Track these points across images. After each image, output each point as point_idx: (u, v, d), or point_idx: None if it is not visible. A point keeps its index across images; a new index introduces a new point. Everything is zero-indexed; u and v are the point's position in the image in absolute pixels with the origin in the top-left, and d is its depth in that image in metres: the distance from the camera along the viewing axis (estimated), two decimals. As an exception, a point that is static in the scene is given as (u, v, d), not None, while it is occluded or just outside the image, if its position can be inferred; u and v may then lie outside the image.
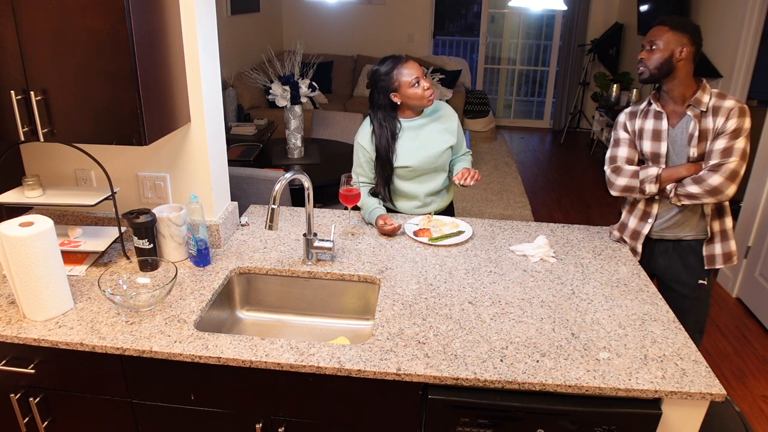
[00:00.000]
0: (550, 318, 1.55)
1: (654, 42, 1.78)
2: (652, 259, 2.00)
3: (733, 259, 1.92)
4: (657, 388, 1.30)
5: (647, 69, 1.80)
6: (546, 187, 5.39)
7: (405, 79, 2.00)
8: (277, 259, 1.83)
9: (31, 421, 1.53)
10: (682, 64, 1.77)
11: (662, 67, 1.78)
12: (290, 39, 6.87)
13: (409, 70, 2.00)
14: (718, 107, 1.76)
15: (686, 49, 1.75)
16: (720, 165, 1.74)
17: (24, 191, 1.68)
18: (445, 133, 2.15)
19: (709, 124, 1.77)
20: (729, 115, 1.73)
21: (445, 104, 2.23)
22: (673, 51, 1.76)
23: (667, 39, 1.76)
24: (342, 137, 4.02)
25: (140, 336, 1.42)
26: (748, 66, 3.87)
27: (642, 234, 1.97)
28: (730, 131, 1.73)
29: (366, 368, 1.33)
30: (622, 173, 1.91)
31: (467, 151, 2.32)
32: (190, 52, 1.67)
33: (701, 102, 1.78)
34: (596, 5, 6.71)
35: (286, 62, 3.42)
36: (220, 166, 1.92)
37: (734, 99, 1.76)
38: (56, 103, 1.45)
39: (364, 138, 2.12)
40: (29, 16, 1.36)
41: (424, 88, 2.01)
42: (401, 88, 2.01)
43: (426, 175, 2.16)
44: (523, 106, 8.08)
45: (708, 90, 1.80)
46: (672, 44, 1.75)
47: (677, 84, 1.80)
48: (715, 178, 1.75)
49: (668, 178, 1.83)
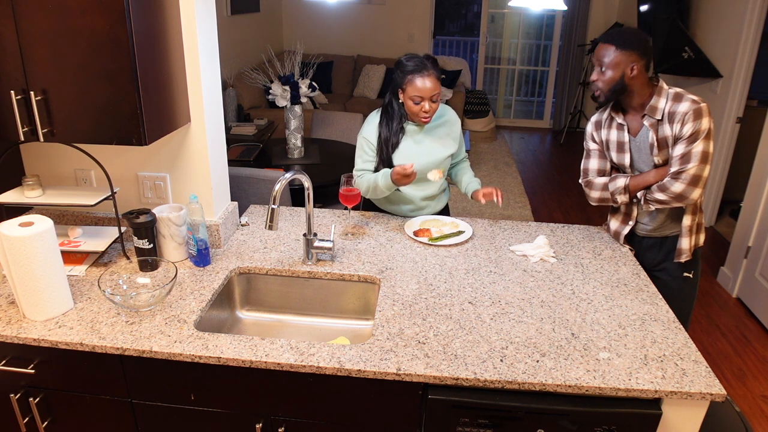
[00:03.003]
0: (550, 318, 1.55)
1: (603, 63, 1.75)
2: (641, 253, 2.01)
3: (682, 256, 1.91)
4: (657, 388, 1.30)
5: (601, 91, 1.79)
6: (546, 187, 5.39)
7: (411, 91, 1.95)
8: (277, 259, 1.83)
9: (31, 421, 1.53)
10: (635, 81, 1.75)
11: (615, 88, 1.76)
12: (290, 39, 6.87)
13: (420, 87, 1.93)
14: (673, 112, 1.74)
15: (637, 66, 1.72)
16: (680, 172, 1.74)
17: (24, 191, 1.68)
18: (448, 139, 2.14)
19: (666, 131, 1.76)
20: (684, 120, 1.71)
21: (449, 108, 2.21)
22: (624, 71, 1.73)
23: (615, 60, 1.73)
24: (342, 137, 4.02)
25: (140, 336, 1.42)
26: (748, 66, 3.87)
27: (622, 234, 2.00)
28: (686, 136, 1.72)
29: (366, 368, 1.33)
30: (593, 187, 1.95)
31: (465, 156, 2.32)
32: (190, 52, 1.67)
33: (656, 109, 1.76)
34: (596, 5, 6.71)
35: (286, 62, 3.42)
36: (220, 166, 1.92)
37: (691, 99, 1.73)
38: (56, 103, 1.45)
39: (369, 132, 2.10)
40: (29, 16, 1.36)
41: (423, 109, 1.97)
42: (406, 92, 1.98)
43: (424, 180, 2.14)
44: (523, 106, 8.09)
45: (665, 92, 1.77)
46: (622, 64, 1.72)
47: (633, 96, 1.79)
48: (677, 185, 1.75)
49: (636, 187, 1.85)
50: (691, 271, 1.95)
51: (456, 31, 10.36)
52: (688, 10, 4.72)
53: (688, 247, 1.89)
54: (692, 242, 1.90)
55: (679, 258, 1.91)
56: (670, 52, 4.49)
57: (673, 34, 4.53)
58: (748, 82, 3.92)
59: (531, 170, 5.84)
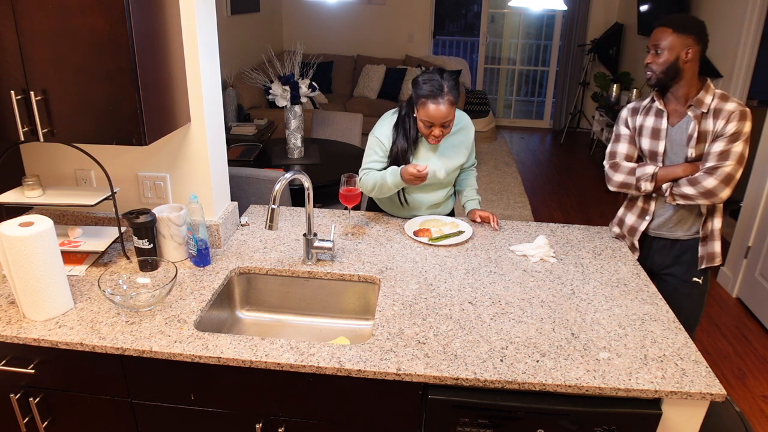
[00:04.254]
0: (550, 318, 1.55)
1: (659, 46, 1.76)
2: (650, 255, 2.00)
3: (716, 260, 1.92)
4: (657, 388, 1.30)
5: (654, 74, 1.79)
6: (546, 187, 5.39)
7: (423, 115, 1.91)
8: (277, 259, 1.83)
9: (31, 421, 1.53)
10: (688, 66, 1.75)
11: (669, 71, 1.77)
12: (290, 39, 6.88)
13: (433, 113, 1.88)
14: (720, 109, 1.75)
15: (692, 50, 1.73)
16: (716, 168, 1.74)
17: (24, 191, 1.68)
18: (461, 148, 2.12)
19: (709, 126, 1.76)
20: (729, 118, 1.72)
21: (465, 115, 2.16)
22: (679, 54, 1.74)
23: (671, 42, 1.74)
24: (342, 137, 4.02)
25: (140, 336, 1.42)
26: (748, 66, 3.87)
27: (638, 230, 1.98)
28: (728, 134, 1.73)
29: (366, 368, 1.33)
30: (619, 170, 1.92)
31: (474, 161, 2.29)
32: (190, 52, 1.67)
33: (703, 103, 1.77)
34: (596, 5, 6.71)
35: (286, 62, 3.42)
36: (220, 166, 1.92)
37: (737, 102, 1.75)
38: (56, 103, 1.45)
39: (382, 133, 2.06)
40: (29, 16, 1.36)
41: (433, 134, 1.94)
42: (418, 113, 1.94)
43: (431, 186, 2.14)
44: (523, 106, 8.09)
45: (711, 90, 1.79)
46: (677, 48, 1.73)
47: (683, 85, 1.79)
48: (710, 180, 1.74)
49: (664, 177, 1.84)
50: (700, 277, 1.94)
51: (456, 31, 10.36)
52: (688, 11, 4.72)
53: (720, 251, 1.90)
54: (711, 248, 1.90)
55: (711, 263, 1.91)
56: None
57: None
58: (748, 82, 3.91)
59: (531, 170, 5.84)
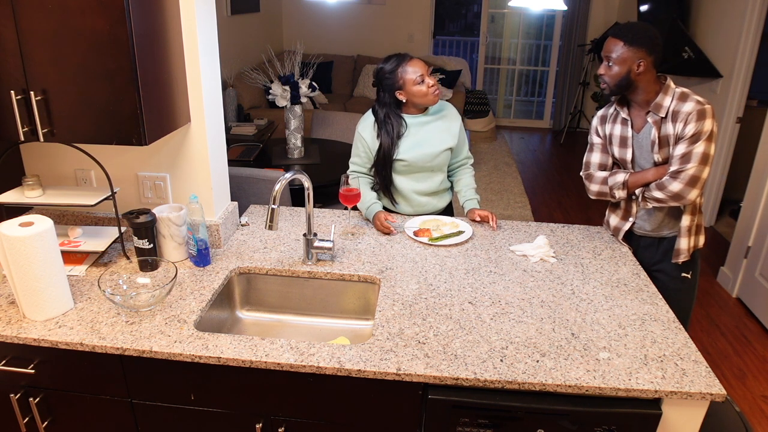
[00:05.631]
0: (550, 318, 1.55)
1: (610, 57, 1.76)
2: (638, 252, 2.01)
3: (681, 256, 1.90)
4: (657, 388, 1.30)
5: (608, 85, 1.80)
6: (546, 187, 5.39)
7: (409, 76, 2.00)
8: (277, 259, 1.83)
9: (31, 421, 1.53)
10: (641, 77, 1.75)
11: (621, 84, 1.77)
12: (290, 39, 6.87)
13: (414, 68, 2.00)
14: (677, 111, 1.73)
15: (644, 62, 1.72)
16: (679, 171, 1.74)
17: (24, 191, 1.68)
18: (446, 133, 2.15)
19: (669, 130, 1.76)
20: (687, 119, 1.71)
21: (449, 105, 2.22)
22: (630, 67, 1.73)
23: (622, 56, 1.73)
24: (342, 137, 4.02)
25: (140, 336, 1.42)
26: (748, 66, 3.87)
27: (622, 230, 2.00)
28: (688, 136, 1.72)
29: (366, 368, 1.33)
30: (593, 180, 1.96)
31: (468, 156, 2.30)
32: (190, 52, 1.67)
33: (661, 107, 1.76)
34: (596, 5, 6.71)
35: (286, 62, 3.42)
36: (220, 166, 1.92)
37: (695, 101, 1.72)
38: (56, 103, 1.45)
39: (365, 129, 2.12)
40: (29, 16, 1.36)
41: (429, 85, 2.01)
42: (406, 85, 2.01)
43: (421, 174, 2.15)
44: (523, 106, 8.08)
45: (671, 90, 1.77)
46: (628, 61, 1.73)
47: (639, 93, 1.79)
48: (675, 184, 1.75)
49: (635, 184, 1.86)
50: (689, 272, 1.95)
51: (456, 31, 10.37)
52: (688, 10, 4.72)
53: (687, 248, 1.89)
54: (691, 243, 1.90)
55: (676, 258, 1.91)
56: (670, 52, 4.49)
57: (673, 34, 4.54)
58: (748, 82, 3.92)
59: (531, 170, 5.84)
